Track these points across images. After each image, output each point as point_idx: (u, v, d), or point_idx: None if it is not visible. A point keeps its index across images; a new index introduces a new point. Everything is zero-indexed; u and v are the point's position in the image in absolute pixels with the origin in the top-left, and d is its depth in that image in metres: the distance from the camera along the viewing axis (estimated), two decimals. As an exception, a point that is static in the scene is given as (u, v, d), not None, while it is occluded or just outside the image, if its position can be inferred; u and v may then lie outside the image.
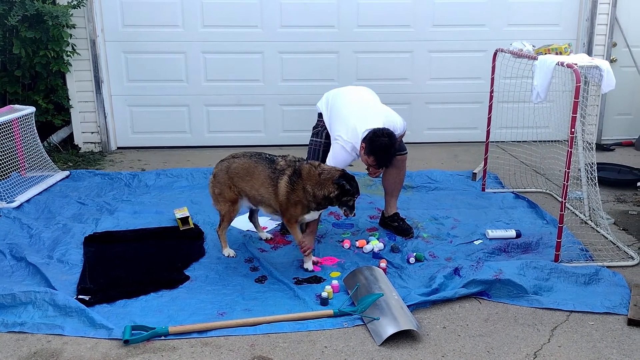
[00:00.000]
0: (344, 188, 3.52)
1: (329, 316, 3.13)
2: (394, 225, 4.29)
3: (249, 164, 3.76)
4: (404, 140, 4.33)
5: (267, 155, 3.80)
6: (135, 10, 6.14)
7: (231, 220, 3.91)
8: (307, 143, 4.25)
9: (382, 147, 3.69)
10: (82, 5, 5.84)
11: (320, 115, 4.23)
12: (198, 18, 6.22)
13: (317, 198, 3.56)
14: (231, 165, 3.79)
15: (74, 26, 5.94)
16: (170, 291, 3.41)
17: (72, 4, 5.78)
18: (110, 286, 3.43)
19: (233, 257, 3.84)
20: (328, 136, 4.07)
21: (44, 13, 5.55)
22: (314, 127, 4.24)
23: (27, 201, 4.73)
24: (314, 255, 3.79)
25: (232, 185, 3.76)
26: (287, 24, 6.19)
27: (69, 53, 5.96)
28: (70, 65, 6.05)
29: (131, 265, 3.74)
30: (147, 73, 6.31)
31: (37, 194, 4.88)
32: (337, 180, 3.52)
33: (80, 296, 3.30)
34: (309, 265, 3.69)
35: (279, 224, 4.39)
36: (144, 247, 4.00)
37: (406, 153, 4.26)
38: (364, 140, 3.74)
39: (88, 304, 3.21)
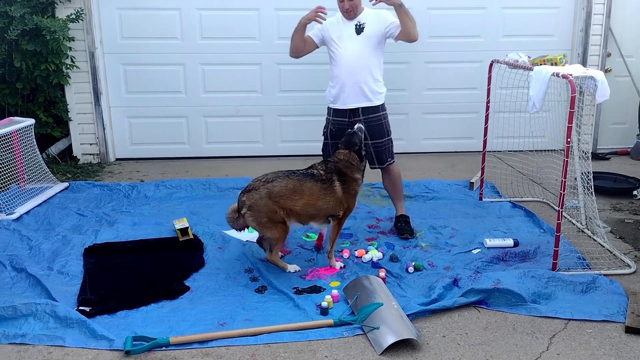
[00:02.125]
0: (362, 153, 3.88)
1: (329, 326, 3.15)
2: (397, 226, 4.43)
3: (293, 184, 3.68)
4: (396, 150, 4.48)
5: (299, 171, 3.80)
6: (133, 23, 6.19)
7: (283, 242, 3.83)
8: (305, 153, 4.30)
9: None
10: (81, 19, 5.89)
11: (328, 109, 4.43)
12: (196, 30, 6.27)
13: (360, 178, 3.87)
14: (273, 190, 3.63)
15: (73, 39, 5.98)
16: (170, 302, 3.42)
17: (71, 17, 5.83)
18: (111, 297, 3.44)
19: (299, 270, 3.79)
20: (332, 135, 4.32)
21: (42, 27, 5.59)
22: (324, 128, 4.45)
23: (27, 213, 4.74)
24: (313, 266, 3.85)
25: (278, 209, 3.64)
26: (285, 35, 6.19)
27: (68, 65, 6.00)
28: (70, 77, 6.08)
29: (131, 276, 3.75)
30: (145, 85, 6.35)
31: (37, 206, 4.90)
32: (358, 154, 3.84)
33: (81, 307, 3.30)
34: (335, 264, 3.86)
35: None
36: (144, 258, 4.02)
37: (391, 163, 4.43)
38: None
39: (89, 315, 3.22)
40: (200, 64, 6.36)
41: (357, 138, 3.88)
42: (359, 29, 4.19)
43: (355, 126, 3.97)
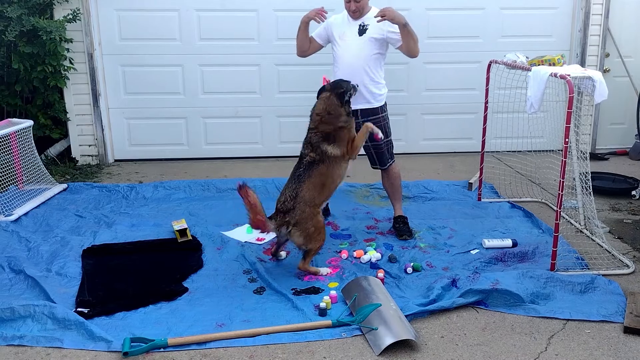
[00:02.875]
0: (344, 97, 3.80)
1: (327, 326, 3.14)
2: (396, 227, 4.43)
3: (310, 181, 3.71)
4: (395, 151, 4.47)
5: (300, 170, 3.78)
6: (132, 24, 6.19)
7: None
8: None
9: None
10: (78, 19, 5.88)
11: None
12: (195, 31, 6.27)
13: (346, 121, 3.81)
14: (305, 197, 3.68)
15: (71, 40, 5.98)
16: (169, 303, 3.42)
17: (68, 18, 5.82)
18: (109, 298, 3.44)
19: (330, 272, 3.79)
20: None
21: (39, 28, 5.58)
22: None
23: (25, 214, 4.73)
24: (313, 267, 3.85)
25: (317, 210, 3.74)
26: (284, 36, 6.24)
27: (66, 67, 6.00)
28: (68, 79, 6.08)
29: (130, 277, 3.74)
30: (144, 86, 6.35)
31: (35, 207, 4.89)
32: (340, 97, 3.77)
33: (79, 309, 3.30)
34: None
35: (275, 237, 4.41)
36: (142, 259, 4.02)
37: (391, 164, 4.42)
38: None
39: (87, 316, 3.21)
40: (199, 65, 6.36)
41: (346, 84, 3.87)
42: (362, 30, 4.19)
43: (352, 82, 3.95)
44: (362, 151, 4.15)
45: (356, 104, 4.25)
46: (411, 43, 4.13)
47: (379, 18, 4.07)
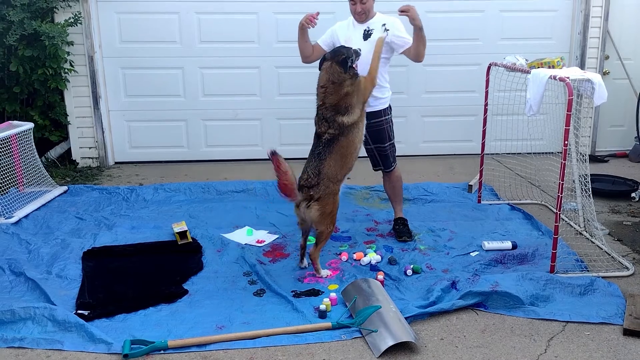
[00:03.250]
0: (347, 63, 3.73)
1: (327, 329, 3.15)
2: (396, 229, 4.44)
3: (331, 157, 3.71)
4: (397, 153, 4.47)
5: (319, 148, 3.77)
6: (133, 27, 6.20)
7: None
8: (305, 157, 4.28)
9: None
10: (79, 22, 5.90)
11: None
12: (195, 34, 6.29)
13: (351, 83, 3.75)
14: (329, 174, 3.70)
15: (72, 43, 5.99)
16: (169, 305, 3.43)
17: (70, 21, 5.84)
18: (109, 301, 3.44)
19: (329, 275, 3.79)
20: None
21: (41, 33, 5.59)
22: None
23: (26, 217, 4.74)
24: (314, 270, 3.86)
25: (338, 189, 3.78)
26: (284, 39, 6.26)
27: (66, 70, 6.01)
28: (68, 81, 6.10)
29: (130, 279, 3.75)
30: (144, 88, 6.36)
31: (36, 210, 4.90)
32: (342, 63, 3.72)
33: (79, 311, 3.31)
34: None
35: (276, 238, 4.42)
36: (143, 262, 4.02)
37: (394, 168, 4.41)
38: None
39: (87, 318, 3.22)
40: (199, 68, 6.37)
41: (346, 50, 3.82)
42: (367, 35, 4.15)
43: (354, 47, 3.92)
44: (363, 153, 4.15)
45: None
46: (421, 47, 4.12)
47: (385, 18, 4.09)
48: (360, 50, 3.96)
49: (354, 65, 3.81)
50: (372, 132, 4.23)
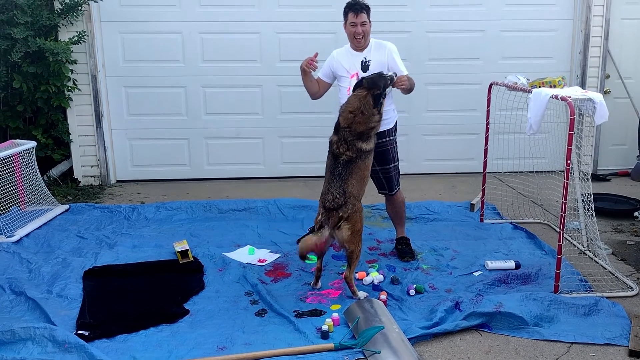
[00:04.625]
0: (379, 99, 3.83)
1: (329, 350, 3.12)
2: (398, 248, 4.42)
3: (353, 178, 3.73)
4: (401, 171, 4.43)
5: (338, 170, 3.76)
6: (136, 46, 6.25)
7: None
8: (307, 175, 4.30)
9: (350, 1, 4.14)
10: (83, 41, 5.95)
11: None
12: (198, 53, 6.33)
13: (378, 120, 3.86)
14: (354, 193, 3.73)
15: (75, 62, 6.04)
16: (170, 325, 3.40)
17: (74, 39, 5.88)
18: (110, 321, 3.42)
19: (367, 296, 3.73)
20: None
21: (45, 50, 5.64)
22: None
23: (27, 235, 4.73)
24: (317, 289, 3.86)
25: (362, 207, 3.80)
26: (286, 58, 6.30)
27: (70, 88, 6.05)
28: (71, 100, 6.13)
29: (131, 299, 3.73)
30: (147, 107, 6.38)
31: (37, 228, 4.89)
32: (375, 98, 3.80)
33: (79, 331, 3.28)
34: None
35: (278, 257, 4.40)
36: (144, 281, 4.00)
37: (397, 191, 4.39)
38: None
39: (87, 339, 3.19)
40: (202, 87, 6.41)
41: (383, 82, 3.85)
42: (365, 67, 4.17)
43: (390, 72, 3.97)
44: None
45: None
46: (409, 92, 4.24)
47: (381, 52, 4.16)
48: (395, 75, 3.99)
49: (382, 100, 3.87)
50: (377, 154, 4.11)
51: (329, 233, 3.68)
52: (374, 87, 3.82)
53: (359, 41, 4.16)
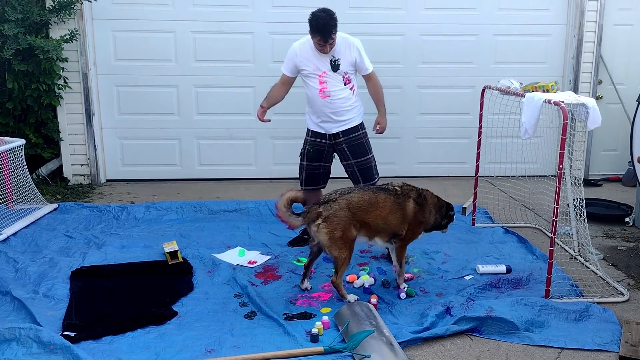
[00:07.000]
0: (452, 216, 4.02)
1: (319, 353, 3.09)
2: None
3: (368, 195, 3.71)
4: (389, 174, 4.44)
5: (376, 186, 3.90)
6: (127, 45, 6.20)
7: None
8: (298, 176, 4.30)
9: (319, 21, 4.06)
10: (75, 39, 5.89)
11: (307, 130, 4.52)
12: (190, 52, 6.29)
13: (434, 219, 3.94)
14: (352, 201, 3.64)
15: (66, 60, 5.98)
16: (157, 327, 3.35)
17: (65, 38, 5.83)
18: (97, 322, 3.37)
19: (357, 299, 3.68)
20: (309, 157, 4.44)
21: (35, 47, 5.58)
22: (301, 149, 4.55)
23: (14, 234, 4.67)
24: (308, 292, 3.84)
25: (355, 222, 3.64)
26: (279, 59, 6.22)
27: (60, 86, 5.99)
28: (62, 98, 6.07)
29: (118, 300, 3.68)
30: (138, 106, 6.33)
31: (24, 227, 4.83)
32: (447, 209, 3.99)
33: (65, 332, 3.23)
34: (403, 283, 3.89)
35: (269, 259, 4.37)
36: (132, 282, 3.95)
37: (377, 179, 4.46)
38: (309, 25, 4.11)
39: (73, 340, 3.14)
40: (194, 86, 6.36)
41: (450, 216, 4.03)
42: (335, 66, 4.25)
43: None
44: (344, 174, 4.41)
45: (338, 128, 4.35)
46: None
47: (349, 50, 4.22)
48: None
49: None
50: (353, 147, 4.34)
51: (302, 222, 3.66)
52: (449, 217, 4.05)
53: (325, 51, 4.23)
